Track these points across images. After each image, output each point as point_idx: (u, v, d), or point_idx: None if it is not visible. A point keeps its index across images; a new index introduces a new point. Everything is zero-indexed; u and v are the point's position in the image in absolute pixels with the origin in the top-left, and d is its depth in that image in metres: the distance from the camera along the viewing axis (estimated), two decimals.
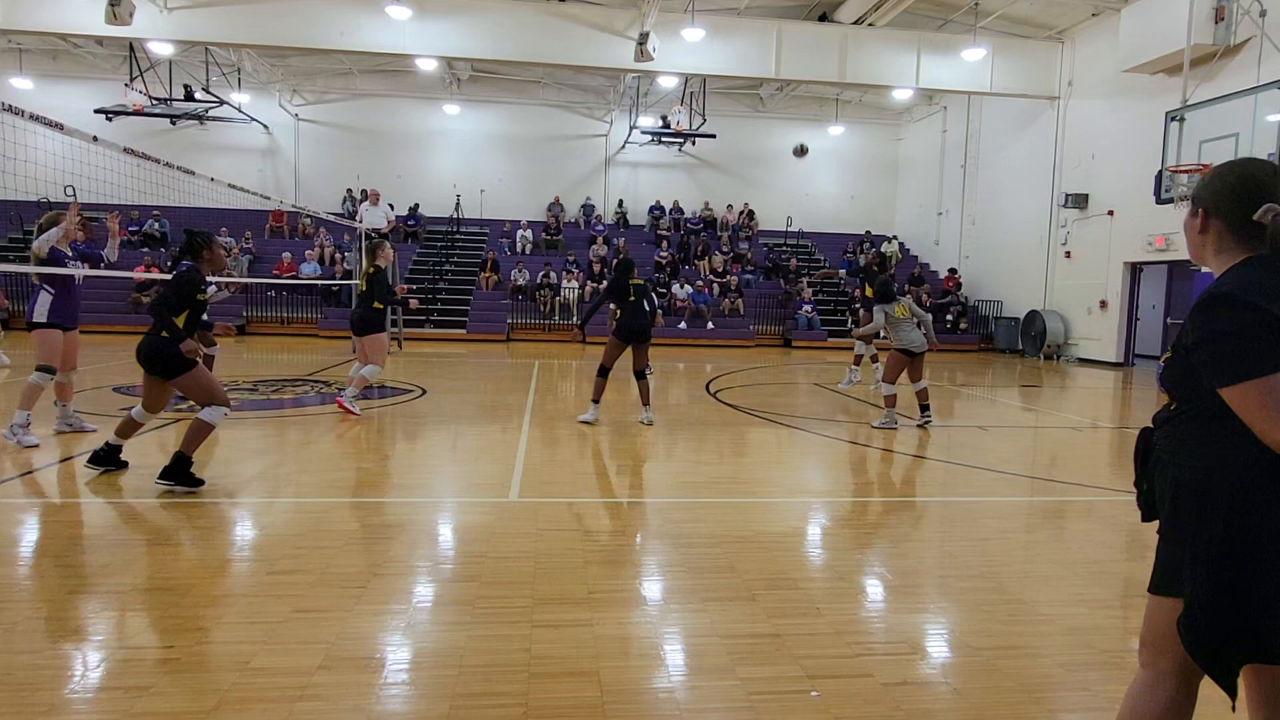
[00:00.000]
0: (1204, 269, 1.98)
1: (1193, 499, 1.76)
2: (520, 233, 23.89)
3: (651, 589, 3.72)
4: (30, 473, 5.52)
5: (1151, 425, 1.94)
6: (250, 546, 4.20)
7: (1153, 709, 1.90)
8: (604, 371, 7.96)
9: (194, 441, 5.07)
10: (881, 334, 8.61)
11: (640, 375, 8.07)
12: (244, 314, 19.78)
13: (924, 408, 8.29)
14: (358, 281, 9.58)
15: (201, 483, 5.12)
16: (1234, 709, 1.86)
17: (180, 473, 5.04)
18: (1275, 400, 1.59)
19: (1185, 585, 1.78)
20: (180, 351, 4.96)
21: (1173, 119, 12.23)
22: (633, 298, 7.87)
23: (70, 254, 6.59)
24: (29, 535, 4.26)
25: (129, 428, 5.36)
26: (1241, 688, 1.84)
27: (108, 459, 5.39)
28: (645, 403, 8.16)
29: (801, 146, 6.76)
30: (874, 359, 11.92)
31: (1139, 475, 1.99)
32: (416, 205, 24.20)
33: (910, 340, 8.03)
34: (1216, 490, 1.72)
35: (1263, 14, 13.06)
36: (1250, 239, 1.77)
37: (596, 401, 8.00)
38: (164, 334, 4.94)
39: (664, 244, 23.71)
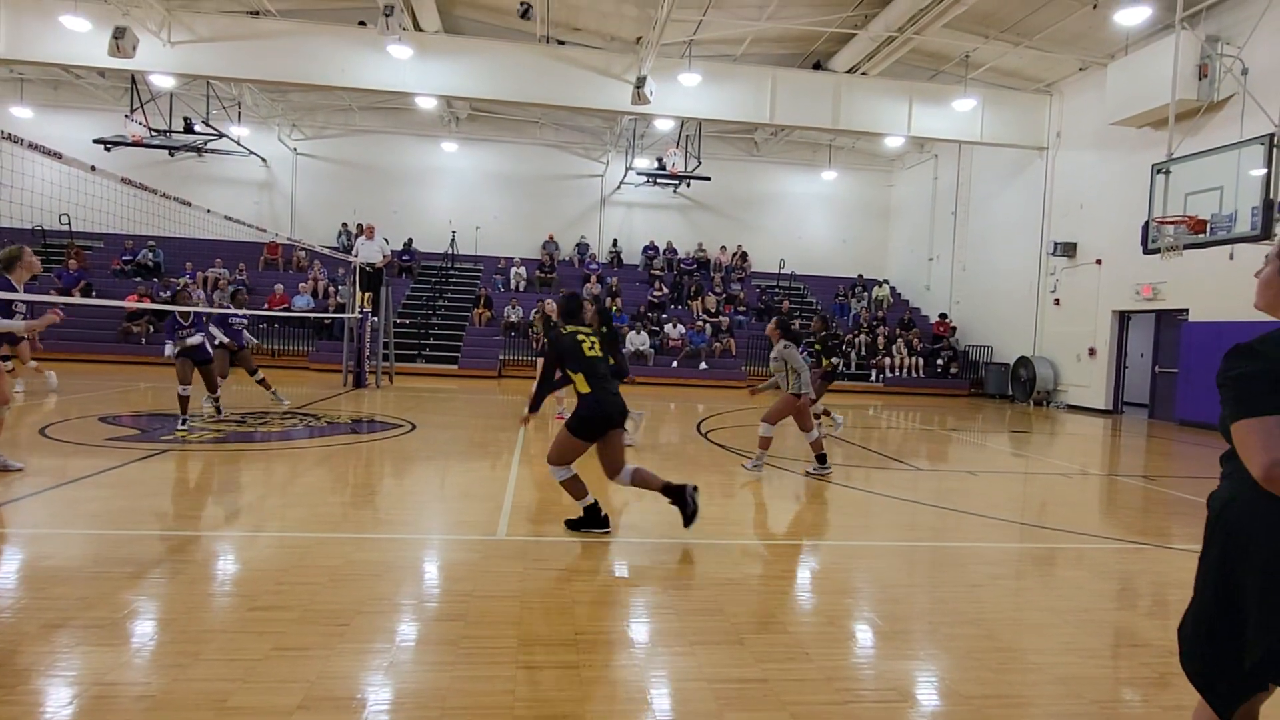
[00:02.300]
0: (1190, 319, 2.11)
1: (1209, 526, 2.00)
2: (514, 270, 24.01)
3: (639, 631, 3.67)
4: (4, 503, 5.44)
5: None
6: (231, 581, 4.13)
7: None
8: None
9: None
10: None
11: None
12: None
13: (821, 457, 7.97)
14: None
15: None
16: None
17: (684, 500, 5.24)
18: (1262, 439, 1.78)
19: (1194, 594, 2.01)
20: None
21: (1159, 171, 12.44)
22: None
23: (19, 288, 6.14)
24: (6, 566, 4.19)
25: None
26: None
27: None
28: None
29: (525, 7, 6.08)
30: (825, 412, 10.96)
31: None
32: (410, 240, 24.31)
33: (807, 385, 7.72)
34: (1222, 520, 1.95)
35: (1244, 72, 13.40)
36: None
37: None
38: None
39: (657, 283, 23.86)
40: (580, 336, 5.29)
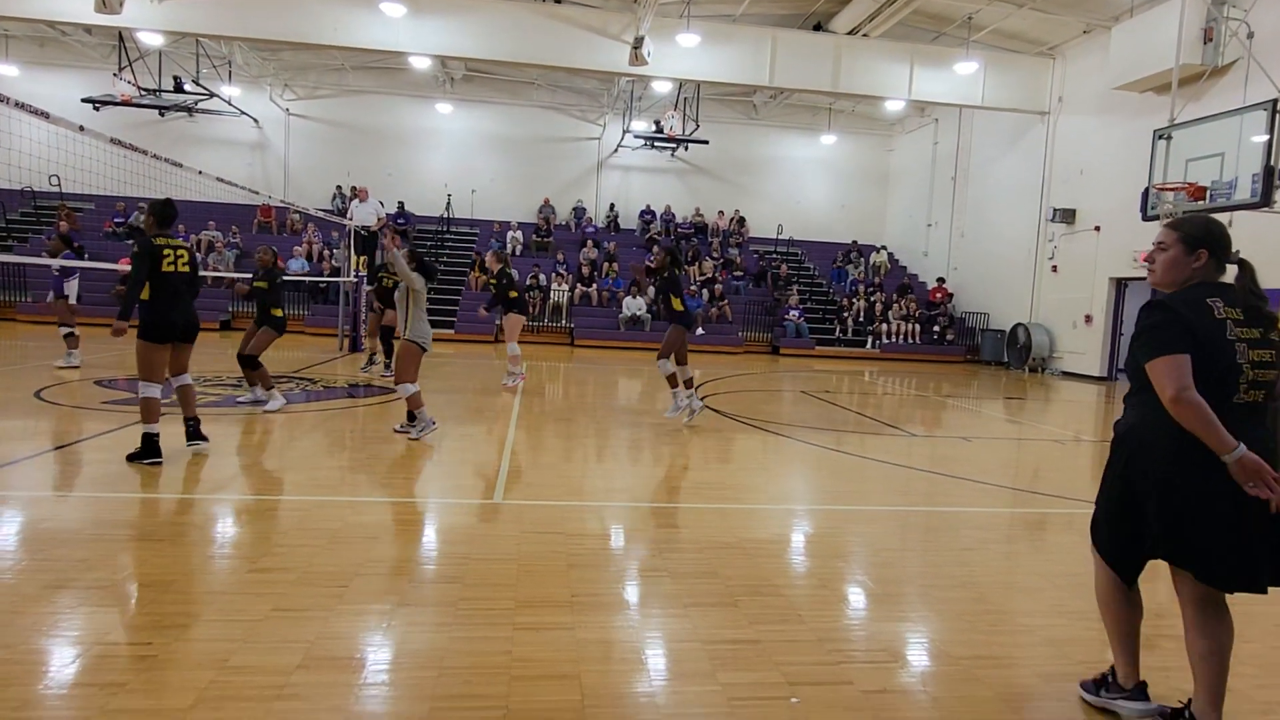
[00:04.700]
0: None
1: (1115, 444, 2.62)
2: (510, 234, 23.85)
3: (634, 593, 3.71)
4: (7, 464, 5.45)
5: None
6: (232, 543, 4.17)
7: (1100, 584, 2.76)
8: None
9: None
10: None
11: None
12: (230, 309, 19.64)
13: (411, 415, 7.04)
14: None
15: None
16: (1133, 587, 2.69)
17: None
18: (1172, 372, 2.30)
19: (1097, 502, 2.69)
20: None
21: (1160, 137, 12.34)
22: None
23: None
24: (6, 529, 4.21)
25: None
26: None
27: None
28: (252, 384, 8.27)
29: None
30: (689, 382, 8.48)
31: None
32: (402, 204, 23.97)
33: (426, 334, 6.98)
34: (1128, 440, 2.55)
35: (1250, 36, 13.23)
36: (1218, 271, 2.50)
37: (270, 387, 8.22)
38: None
39: (654, 248, 23.72)
40: (166, 250, 5.63)
